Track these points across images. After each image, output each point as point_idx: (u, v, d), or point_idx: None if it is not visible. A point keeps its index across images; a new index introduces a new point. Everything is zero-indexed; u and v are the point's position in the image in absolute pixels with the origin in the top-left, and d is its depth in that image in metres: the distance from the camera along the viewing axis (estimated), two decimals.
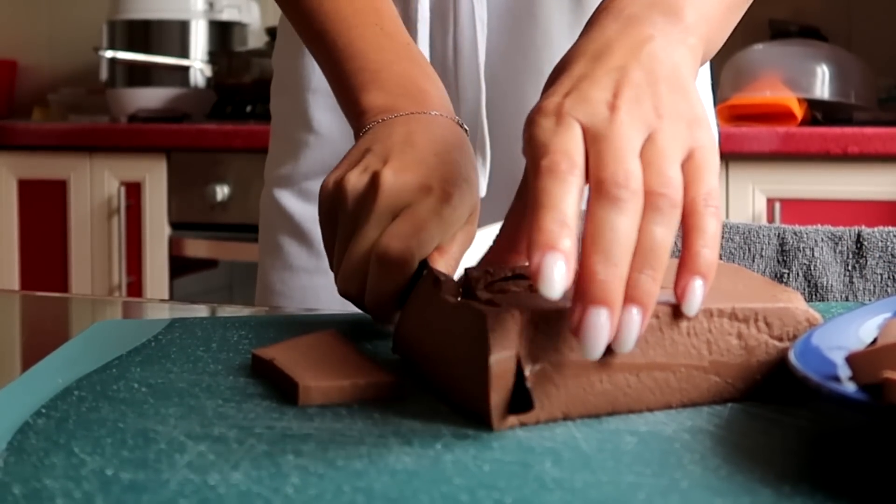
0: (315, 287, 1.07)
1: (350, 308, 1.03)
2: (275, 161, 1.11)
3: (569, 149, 0.50)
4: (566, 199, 0.48)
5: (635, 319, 0.46)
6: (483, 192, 1.02)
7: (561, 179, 0.48)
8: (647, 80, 0.54)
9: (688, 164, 0.51)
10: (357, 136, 0.73)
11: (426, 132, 0.69)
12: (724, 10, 0.65)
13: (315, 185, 1.08)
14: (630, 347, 0.47)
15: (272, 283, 1.08)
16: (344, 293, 0.65)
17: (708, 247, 0.50)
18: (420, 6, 0.97)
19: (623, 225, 0.47)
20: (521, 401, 0.47)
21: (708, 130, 0.53)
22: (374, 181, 0.64)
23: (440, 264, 0.63)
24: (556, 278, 0.45)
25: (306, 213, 1.07)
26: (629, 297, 0.46)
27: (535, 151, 0.51)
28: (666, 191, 0.49)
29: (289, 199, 1.08)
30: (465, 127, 0.73)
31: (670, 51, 0.56)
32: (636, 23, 0.57)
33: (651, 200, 0.49)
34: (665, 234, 0.48)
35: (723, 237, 0.96)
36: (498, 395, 0.47)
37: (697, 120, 0.53)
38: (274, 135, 1.12)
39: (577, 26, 1.01)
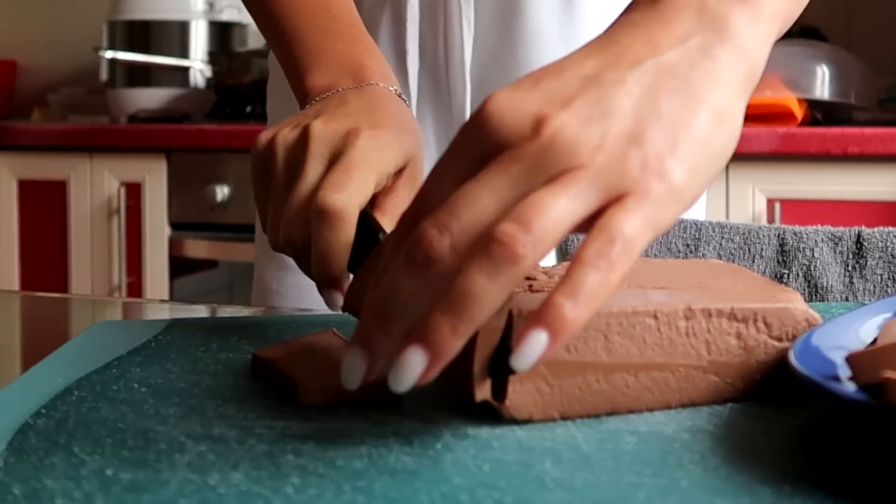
0: (311, 286, 1.07)
1: None
2: None
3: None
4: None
5: (410, 360, 0.41)
6: None
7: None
8: (628, 97, 0.44)
9: (604, 211, 0.42)
10: None
11: (360, 96, 0.70)
12: None
13: None
14: (403, 388, 0.41)
15: (268, 283, 1.08)
16: (286, 243, 0.63)
17: (572, 301, 0.41)
18: (410, 6, 0.97)
19: (406, 287, 0.42)
20: (502, 366, 0.46)
21: (666, 178, 0.43)
22: (304, 132, 0.64)
23: (384, 222, 0.63)
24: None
25: None
26: (415, 337, 0.41)
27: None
28: (507, 240, 0.40)
29: None
30: (406, 99, 0.73)
31: (709, 56, 0.46)
32: (677, 11, 0.47)
33: (484, 244, 0.41)
34: (484, 284, 0.40)
35: (723, 237, 0.96)
36: (481, 362, 0.47)
37: (661, 159, 0.43)
38: None
39: (566, 25, 1.01)
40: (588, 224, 0.42)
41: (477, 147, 0.44)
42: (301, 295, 1.06)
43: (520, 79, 0.45)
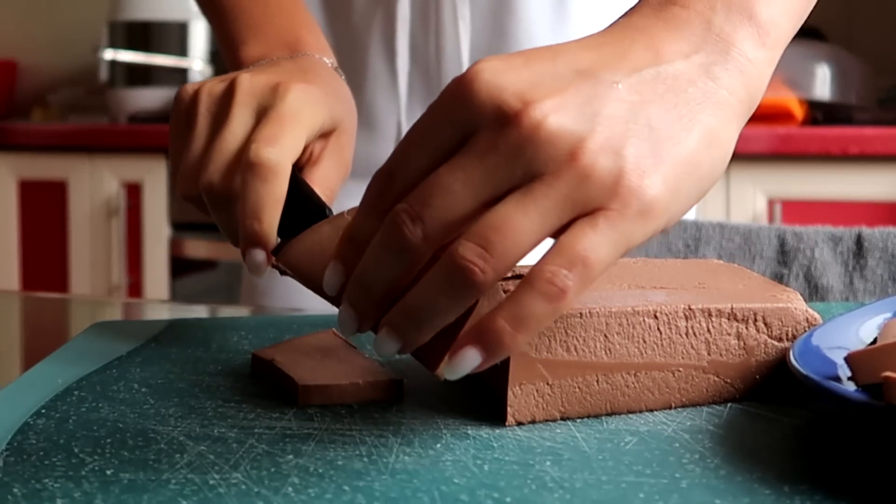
0: (299, 286, 1.06)
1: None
2: None
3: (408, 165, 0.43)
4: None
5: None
6: None
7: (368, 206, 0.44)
8: (615, 103, 0.42)
9: (571, 224, 0.41)
10: None
11: (293, 62, 0.69)
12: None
13: None
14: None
15: (256, 283, 1.08)
16: (207, 189, 0.60)
17: (513, 325, 0.40)
18: (401, 5, 0.97)
19: (384, 263, 0.43)
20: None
21: (641, 195, 0.41)
22: (231, 83, 0.63)
23: (316, 188, 0.62)
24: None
25: None
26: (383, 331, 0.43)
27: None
28: (466, 265, 0.40)
29: None
30: (341, 73, 0.72)
31: (709, 73, 0.45)
32: (682, 23, 0.45)
33: (445, 263, 0.41)
34: (443, 301, 0.41)
35: (723, 237, 0.96)
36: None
37: (640, 174, 0.41)
38: None
39: (559, 24, 1.02)
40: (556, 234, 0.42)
41: (457, 118, 0.42)
42: (289, 295, 1.06)
43: (512, 53, 0.44)
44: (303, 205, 0.58)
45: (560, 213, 0.41)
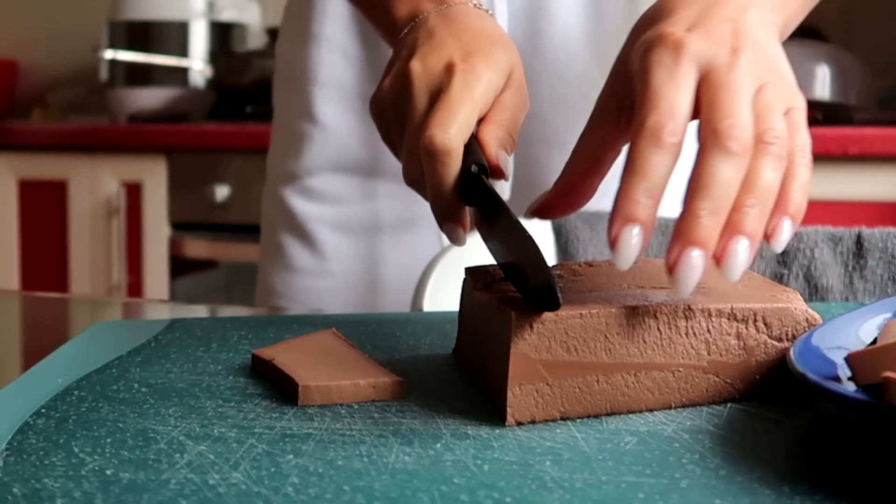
0: (317, 289, 1.06)
1: (357, 309, 1.03)
2: (277, 156, 1.11)
3: (678, 106, 0.52)
4: (661, 168, 0.50)
5: (742, 249, 0.49)
6: (507, 195, 1.02)
7: (660, 147, 0.50)
8: (757, 37, 0.56)
9: (786, 119, 0.54)
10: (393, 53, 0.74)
11: (444, 21, 0.71)
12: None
13: (318, 183, 1.08)
14: (737, 277, 0.49)
15: (273, 284, 1.08)
16: (410, 181, 0.66)
17: (799, 192, 0.52)
18: None
19: (732, 175, 0.50)
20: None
21: (800, 94, 0.56)
22: (404, 78, 0.66)
23: (489, 133, 0.64)
24: (630, 254, 0.48)
25: (309, 211, 1.07)
26: (737, 229, 0.49)
27: (645, 94, 0.53)
28: (778, 141, 0.52)
29: (291, 198, 1.08)
30: (487, 10, 0.74)
31: (765, 22, 0.58)
32: None
33: (764, 148, 0.51)
34: (775, 178, 0.51)
35: None
36: (514, 386, 0.48)
37: (793, 84, 0.57)
38: (276, 128, 1.12)
39: (594, 28, 1.01)
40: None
41: (691, 65, 0.53)
42: (307, 297, 1.06)
43: (658, 12, 0.58)
44: (475, 180, 0.62)
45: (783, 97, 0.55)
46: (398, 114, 0.66)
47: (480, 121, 0.64)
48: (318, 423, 0.48)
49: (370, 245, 1.07)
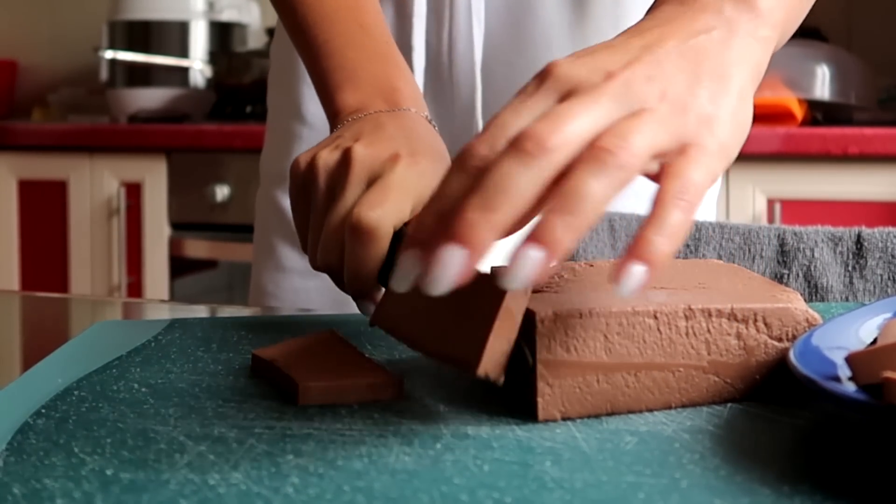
0: (307, 289, 1.06)
1: (349, 308, 1.02)
2: (269, 156, 1.11)
3: (501, 123, 0.47)
4: (450, 188, 0.46)
5: (531, 257, 0.43)
6: None
7: (460, 171, 0.47)
8: (676, 67, 0.51)
9: (673, 156, 0.48)
10: (332, 132, 0.74)
11: (395, 121, 0.70)
12: None
13: None
14: (518, 285, 0.44)
15: (264, 284, 1.08)
16: (324, 266, 0.64)
17: (661, 236, 0.46)
18: (416, 3, 0.97)
19: (517, 176, 0.44)
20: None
21: (715, 135, 0.50)
22: (345, 155, 0.65)
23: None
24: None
25: None
26: (531, 237, 0.44)
27: (487, 125, 0.48)
28: (615, 150, 0.46)
29: (283, 198, 1.08)
30: (434, 125, 0.74)
31: (728, 45, 0.53)
32: (700, 10, 0.54)
33: (592, 153, 0.45)
34: (596, 186, 0.45)
35: (723, 237, 0.96)
36: (497, 341, 0.46)
37: (710, 119, 0.50)
38: (269, 128, 1.12)
39: (577, 25, 1.01)
40: (654, 176, 0.49)
41: (550, 90, 0.49)
42: (297, 297, 1.06)
43: (573, 53, 0.51)
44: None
45: (661, 135, 0.48)
46: (329, 188, 0.65)
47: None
48: (318, 423, 0.48)
49: None
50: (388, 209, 0.61)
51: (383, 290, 0.60)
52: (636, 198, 0.93)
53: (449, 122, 1.02)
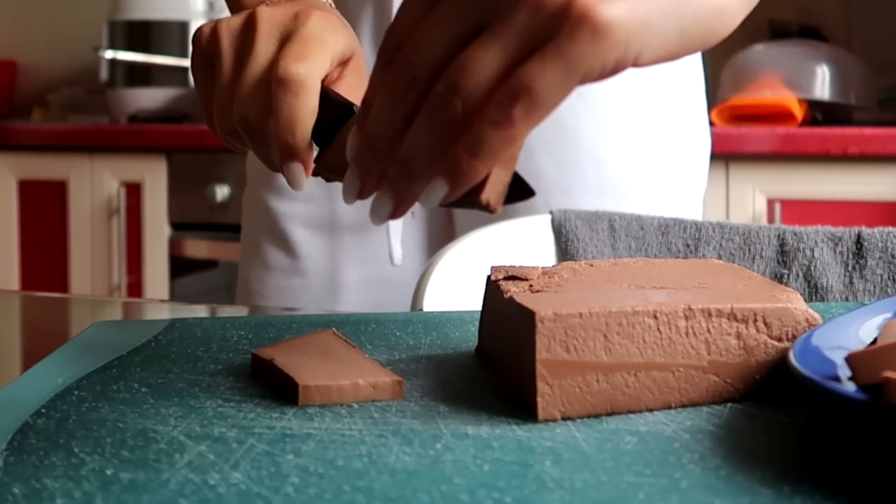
0: (292, 287, 1.07)
1: (335, 307, 1.02)
2: (253, 154, 1.11)
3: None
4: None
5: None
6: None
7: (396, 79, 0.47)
8: None
9: (524, 62, 0.43)
10: None
11: (295, 3, 0.69)
12: None
13: None
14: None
15: (250, 282, 1.09)
16: (240, 121, 0.62)
17: (466, 150, 0.43)
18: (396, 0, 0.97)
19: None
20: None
21: (597, 20, 0.42)
22: (250, 17, 0.64)
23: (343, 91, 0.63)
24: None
25: (283, 210, 1.07)
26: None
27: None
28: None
29: (267, 196, 1.08)
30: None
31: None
32: None
33: (426, 100, 0.44)
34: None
35: (723, 237, 0.96)
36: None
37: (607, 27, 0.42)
38: None
39: None
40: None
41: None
42: (282, 296, 1.06)
43: None
44: (334, 111, 0.60)
45: (516, 45, 0.42)
46: (237, 49, 0.63)
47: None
48: (318, 423, 0.48)
49: (334, 243, 1.07)
50: (313, 62, 0.60)
51: (315, 150, 0.60)
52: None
53: None
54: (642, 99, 1.03)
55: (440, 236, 1.10)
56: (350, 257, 1.07)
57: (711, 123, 2.33)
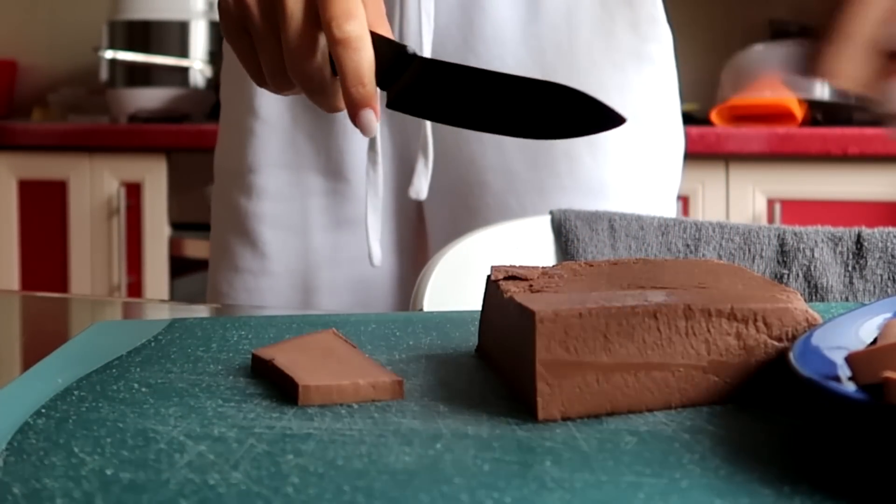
0: (260, 289, 1.06)
1: (308, 307, 1.01)
2: (222, 152, 1.10)
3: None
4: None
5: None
6: (424, 194, 1.01)
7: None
8: None
9: None
10: None
11: None
12: None
13: (259, 179, 1.07)
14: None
15: (218, 284, 1.08)
16: (301, 76, 0.65)
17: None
18: None
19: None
20: None
21: None
22: None
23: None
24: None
25: (251, 209, 1.06)
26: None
27: None
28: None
29: (237, 196, 1.08)
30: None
31: None
32: None
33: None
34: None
35: (723, 237, 0.96)
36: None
37: None
38: (222, 124, 1.11)
39: (531, 23, 1.01)
40: None
41: None
42: (250, 297, 1.05)
43: None
44: (388, 53, 0.64)
45: None
46: (270, 11, 0.64)
47: None
48: (318, 423, 0.48)
49: (306, 244, 1.07)
50: (360, 16, 0.63)
51: (379, 93, 0.64)
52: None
53: (399, 121, 1.02)
54: (616, 97, 1.03)
55: (412, 237, 1.09)
56: (322, 259, 1.07)
57: (690, 122, 2.33)
